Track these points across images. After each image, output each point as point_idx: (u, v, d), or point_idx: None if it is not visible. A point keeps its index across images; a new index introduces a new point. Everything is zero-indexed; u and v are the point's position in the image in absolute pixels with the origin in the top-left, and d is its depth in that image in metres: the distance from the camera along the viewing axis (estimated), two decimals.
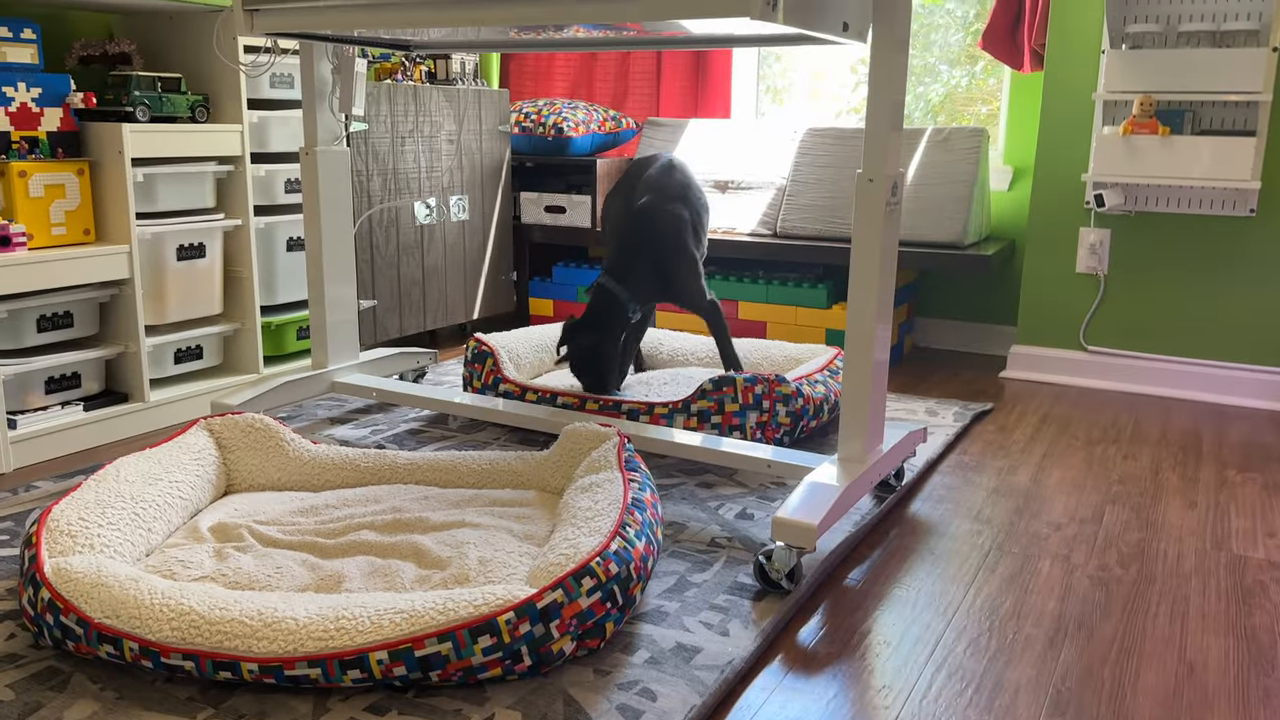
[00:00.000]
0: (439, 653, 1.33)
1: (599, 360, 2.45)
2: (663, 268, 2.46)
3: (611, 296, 2.43)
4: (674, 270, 2.47)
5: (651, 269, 2.46)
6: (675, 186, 2.54)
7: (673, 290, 2.50)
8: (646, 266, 2.45)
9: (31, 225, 2.29)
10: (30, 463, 2.26)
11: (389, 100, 3.10)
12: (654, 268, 2.46)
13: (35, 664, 1.42)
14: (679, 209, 2.50)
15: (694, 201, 2.57)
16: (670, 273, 2.47)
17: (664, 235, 2.47)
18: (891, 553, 1.85)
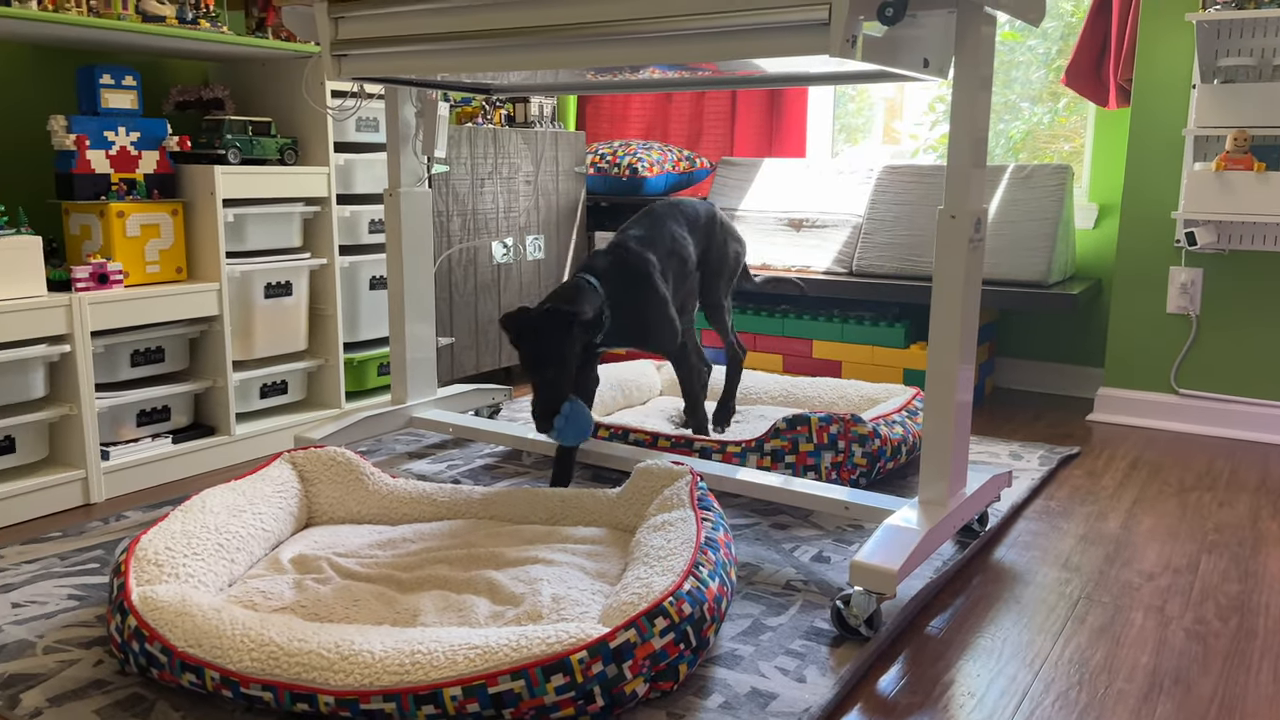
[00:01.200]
0: (512, 690, 1.33)
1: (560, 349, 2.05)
2: (629, 308, 2.21)
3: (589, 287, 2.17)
4: (640, 310, 2.24)
5: (615, 307, 2.20)
6: (655, 223, 2.38)
7: (640, 333, 2.27)
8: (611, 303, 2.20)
9: (128, 264, 2.38)
10: (121, 493, 2.33)
11: (469, 143, 3.17)
12: (617, 307, 2.20)
13: (121, 690, 1.45)
14: (645, 250, 2.29)
15: (674, 240, 2.39)
16: (637, 313, 2.23)
17: (629, 275, 2.24)
18: (975, 600, 1.79)
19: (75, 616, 1.68)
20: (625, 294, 2.21)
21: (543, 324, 2.02)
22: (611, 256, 2.25)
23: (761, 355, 3.41)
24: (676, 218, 2.45)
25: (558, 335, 2.02)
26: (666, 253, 2.35)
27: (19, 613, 1.69)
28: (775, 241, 3.53)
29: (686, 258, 2.43)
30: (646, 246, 2.30)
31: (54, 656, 1.55)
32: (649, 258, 2.27)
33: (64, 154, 2.34)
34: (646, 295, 2.25)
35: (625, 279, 2.22)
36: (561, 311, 2.03)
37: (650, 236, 2.34)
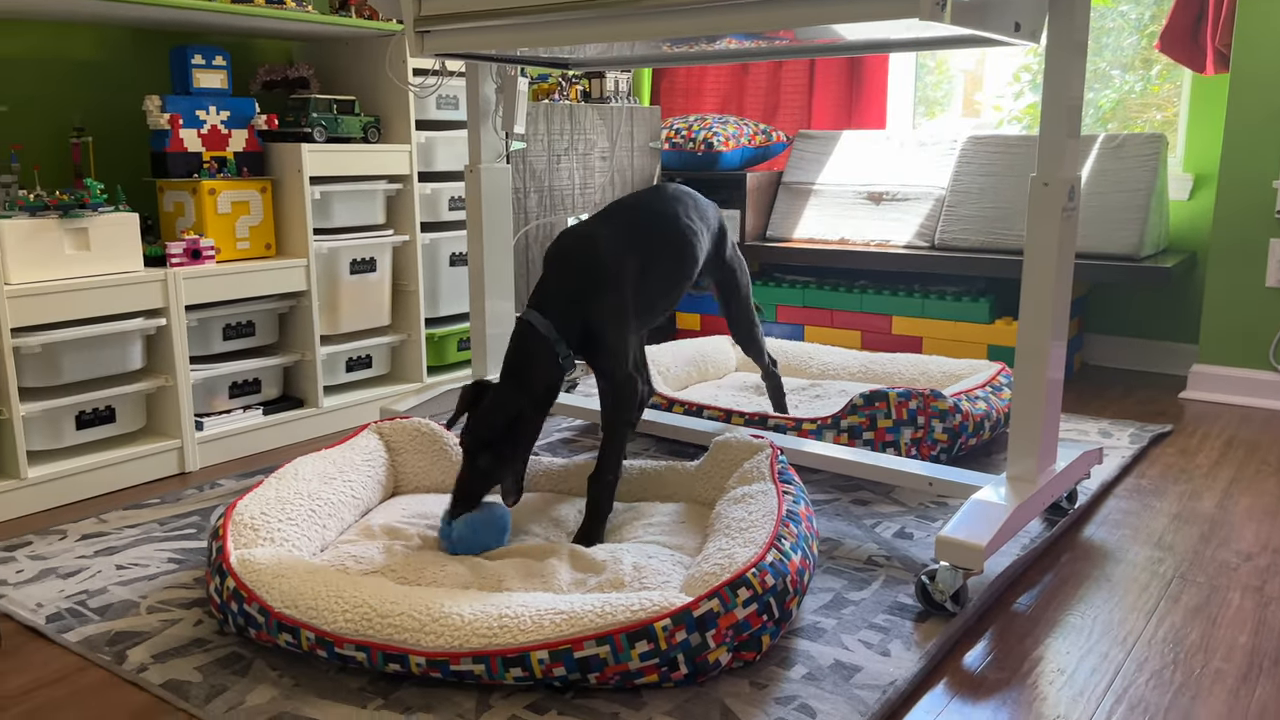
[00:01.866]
0: (597, 655, 1.34)
1: (515, 435, 1.73)
2: (586, 311, 1.82)
3: (536, 335, 1.78)
4: (594, 315, 1.82)
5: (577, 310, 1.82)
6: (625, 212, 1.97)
7: (590, 343, 1.83)
8: (572, 304, 1.81)
9: (219, 240, 2.45)
10: (215, 462, 2.41)
11: (546, 119, 3.18)
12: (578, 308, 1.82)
13: (220, 649, 1.50)
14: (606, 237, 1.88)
15: (677, 226, 2.00)
16: (592, 318, 1.82)
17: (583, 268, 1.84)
18: (1064, 578, 1.76)
19: (175, 578, 1.75)
20: (578, 294, 1.82)
21: (476, 434, 1.71)
22: (570, 245, 1.86)
23: (839, 332, 3.37)
24: (686, 204, 2.07)
25: (497, 436, 1.71)
26: (662, 241, 1.96)
27: (123, 574, 1.77)
28: (854, 215, 3.48)
29: (687, 254, 2.01)
30: (623, 230, 1.90)
31: (157, 616, 1.61)
32: (615, 249, 1.86)
33: (158, 133, 2.41)
34: (599, 298, 1.82)
35: (579, 276, 1.83)
36: (498, 415, 1.71)
37: (636, 219, 1.94)
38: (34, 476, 2.08)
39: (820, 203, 3.57)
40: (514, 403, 1.73)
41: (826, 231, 3.50)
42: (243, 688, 1.40)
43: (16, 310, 2.03)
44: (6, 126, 2.34)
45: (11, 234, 2.03)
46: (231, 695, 1.38)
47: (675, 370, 2.81)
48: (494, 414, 1.72)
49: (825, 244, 3.47)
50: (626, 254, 1.88)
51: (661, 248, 1.96)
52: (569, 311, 1.81)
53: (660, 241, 1.96)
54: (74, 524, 2.01)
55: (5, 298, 2.01)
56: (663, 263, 1.96)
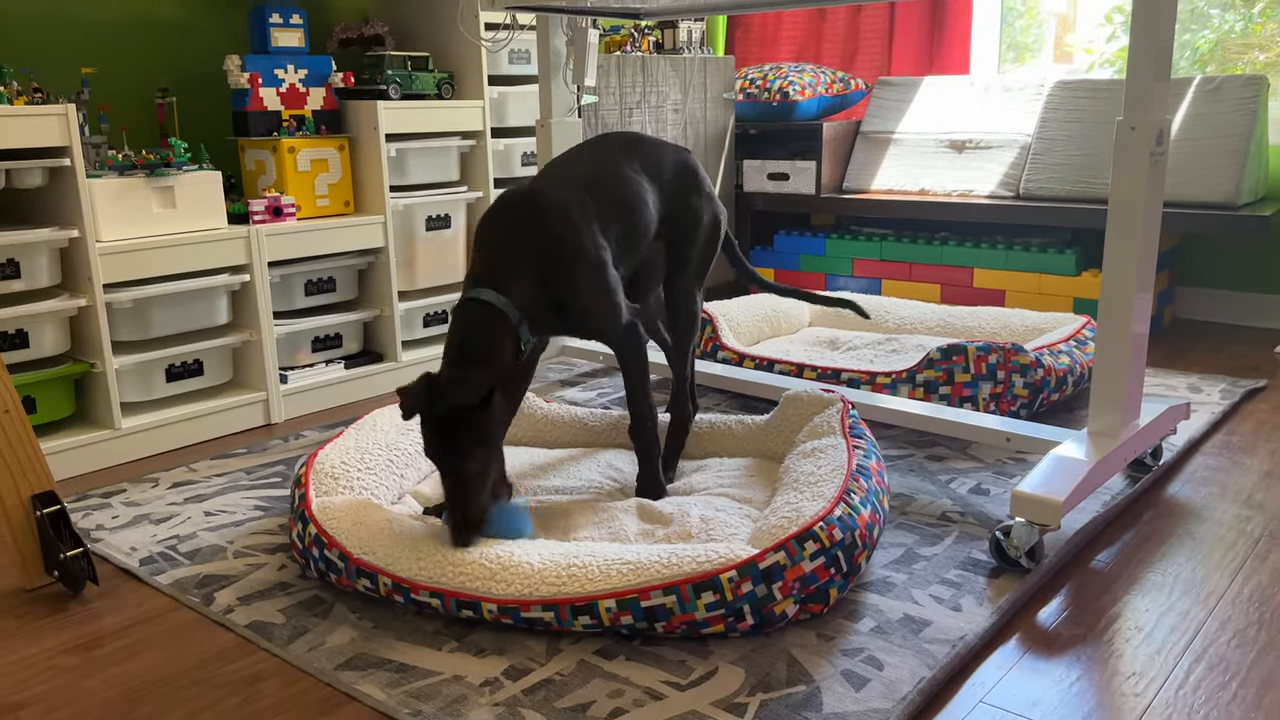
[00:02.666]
0: (664, 605, 1.36)
1: (480, 432, 1.47)
2: (553, 279, 1.59)
3: (495, 314, 1.53)
4: (560, 280, 1.59)
5: (539, 280, 1.58)
6: (595, 156, 1.76)
7: (570, 314, 1.62)
8: (531, 274, 1.58)
9: (299, 197, 2.50)
10: (298, 414, 2.48)
11: (618, 72, 3.16)
12: (541, 279, 1.58)
13: (303, 592, 1.56)
14: (567, 191, 1.65)
15: (622, 183, 1.74)
16: (556, 285, 1.59)
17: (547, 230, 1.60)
18: (1145, 536, 1.71)
19: (260, 525, 1.82)
20: (539, 261, 1.58)
21: (452, 405, 1.45)
22: (517, 209, 1.62)
23: (917, 285, 3.30)
24: (630, 155, 1.79)
25: (473, 417, 1.45)
26: (609, 200, 1.70)
27: (211, 521, 1.84)
28: (935, 165, 3.39)
29: (641, 214, 1.75)
30: (571, 187, 1.67)
31: (243, 560, 1.67)
32: (569, 202, 1.64)
33: (239, 92, 2.46)
34: (568, 259, 1.60)
35: (536, 239, 1.59)
36: (469, 386, 1.45)
37: (581, 172, 1.72)
38: (127, 427, 2.17)
39: (900, 152, 3.48)
40: (478, 392, 1.45)
41: (906, 182, 3.42)
42: (323, 629, 1.45)
43: (108, 267, 2.11)
44: (95, 88, 2.41)
45: (102, 193, 2.10)
46: (313, 636, 1.43)
47: (747, 326, 2.80)
48: (464, 415, 1.44)
49: (905, 195, 3.39)
50: (576, 207, 1.64)
51: (605, 201, 1.69)
52: (528, 284, 1.55)
53: (602, 194, 1.70)
54: (165, 472, 2.09)
55: (98, 255, 2.08)
56: (610, 217, 1.69)
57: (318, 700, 1.29)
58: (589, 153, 1.78)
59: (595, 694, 1.28)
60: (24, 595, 1.59)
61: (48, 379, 2.09)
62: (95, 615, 1.53)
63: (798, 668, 1.32)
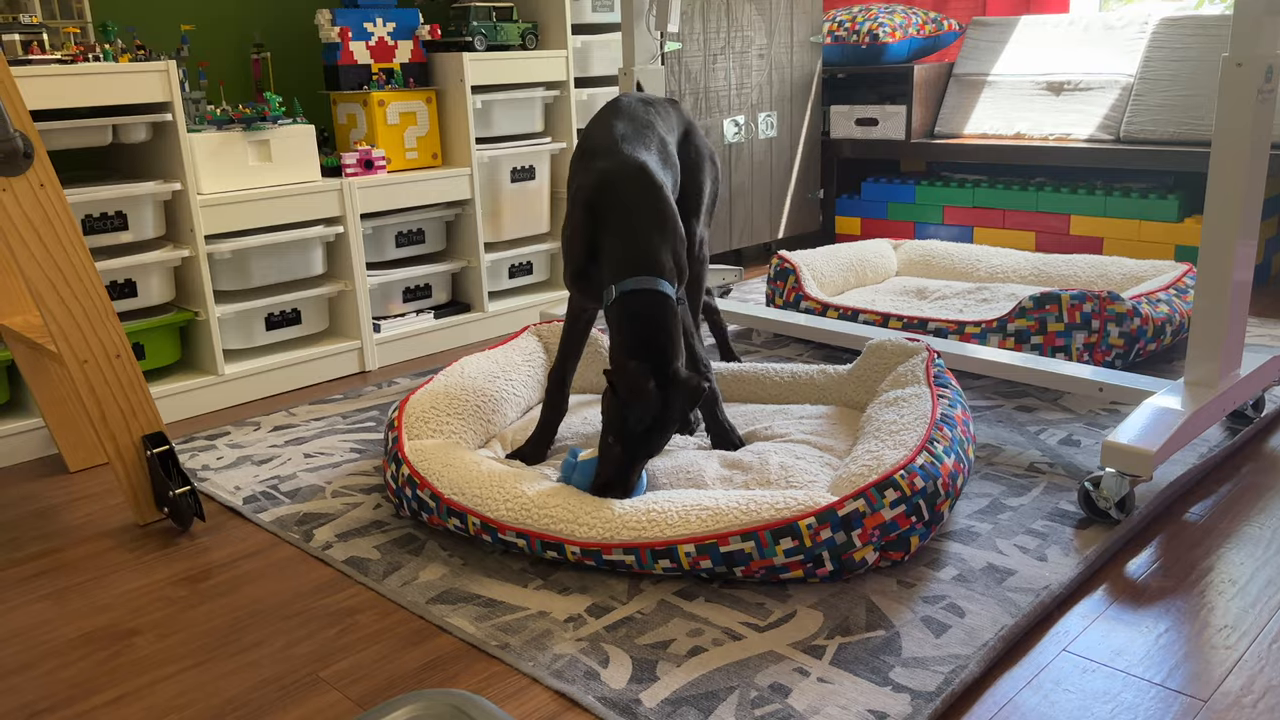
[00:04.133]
0: (742, 550, 1.37)
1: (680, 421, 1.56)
2: (678, 259, 1.60)
3: (674, 307, 1.54)
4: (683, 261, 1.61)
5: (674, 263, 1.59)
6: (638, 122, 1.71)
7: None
8: (670, 257, 1.58)
9: (389, 150, 2.55)
10: (391, 362, 2.56)
11: (702, 17, 3.12)
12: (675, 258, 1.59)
13: (397, 530, 1.62)
14: (656, 164, 1.64)
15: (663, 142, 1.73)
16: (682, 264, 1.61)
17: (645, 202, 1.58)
18: (1244, 488, 1.66)
19: (356, 466, 1.89)
20: (672, 246, 1.58)
21: (690, 398, 1.51)
22: (640, 185, 1.59)
23: (1011, 233, 3.22)
24: (653, 114, 1.78)
25: (681, 412, 1.52)
26: (670, 162, 1.74)
27: (310, 462, 1.92)
28: (1032, 108, 3.28)
29: (680, 168, 1.81)
30: (649, 155, 1.67)
31: (340, 500, 1.75)
32: (663, 177, 1.64)
33: (330, 46, 2.51)
34: (681, 240, 1.61)
35: (666, 223, 1.58)
36: (696, 383, 1.51)
37: (649, 140, 1.70)
38: (230, 373, 2.27)
39: (994, 95, 3.37)
40: (704, 387, 1.53)
41: (1001, 126, 3.32)
42: (416, 565, 1.51)
43: (209, 218, 2.19)
44: (194, 44, 2.49)
45: (202, 147, 2.18)
46: (406, 572, 1.49)
47: (831, 275, 2.77)
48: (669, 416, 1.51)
49: (999, 139, 3.29)
50: (669, 181, 1.68)
51: (670, 164, 1.73)
52: (671, 267, 1.56)
53: (666, 157, 1.73)
54: (266, 416, 2.18)
55: (199, 207, 2.17)
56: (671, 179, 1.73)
57: (410, 632, 1.35)
58: (629, 117, 1.72)
59: (675, 632, 1.30)
60: (136, 530, 1.69)
61: (155, 326, 2.19)
62: (202, 550, 1.61)
63: (877, 613, 1.33)
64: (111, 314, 1.62)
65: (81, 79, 1.96)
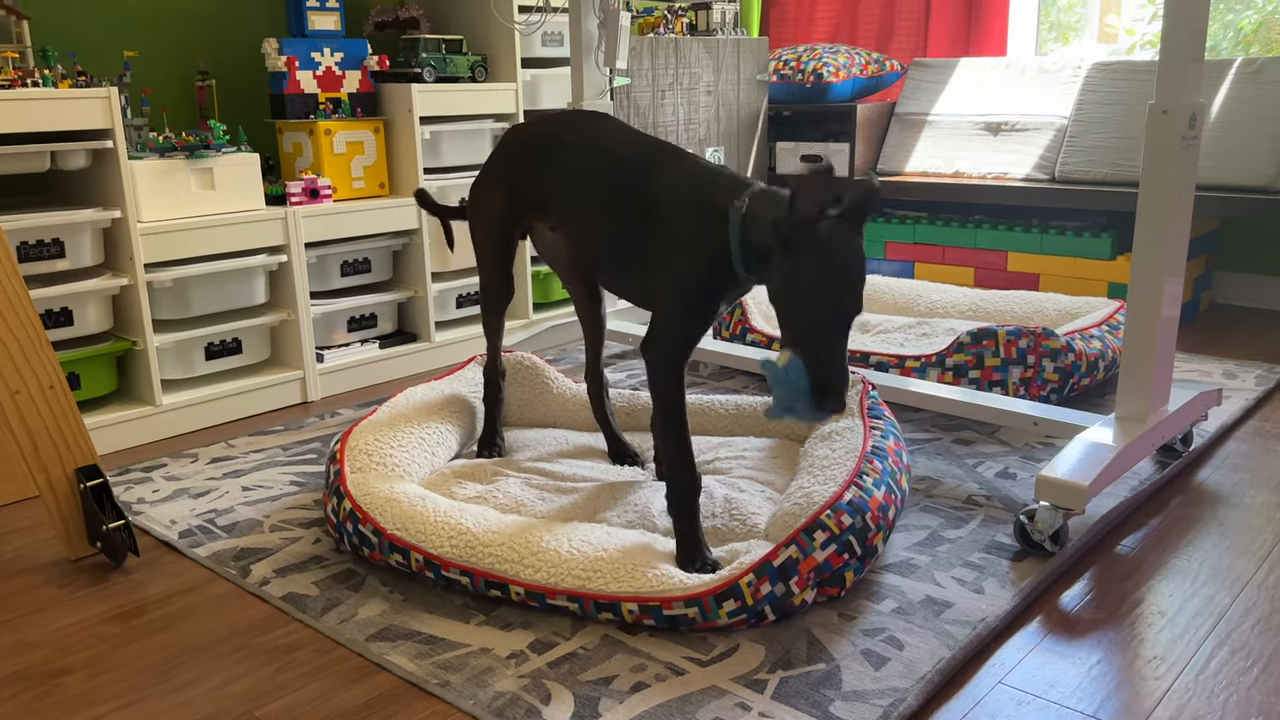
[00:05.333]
0: (686, 614, 1.37)
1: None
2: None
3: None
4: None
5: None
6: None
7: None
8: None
9: (336, 179, 2.54)
10: (334, 392, 2.53)
11: (651, 54, 3.16)
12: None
13: (336, 566, 1.60)
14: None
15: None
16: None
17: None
18: (1173, 521, 1.71)
19: (296, 500, 1.86)
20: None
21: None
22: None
23: (951, 269, 3.29)
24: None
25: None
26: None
27: (248, 495, 1.89)
28: (971, 147, 3.37)
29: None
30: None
31: (279, 534, 1.72)
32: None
33: (276, 75, 2.50)
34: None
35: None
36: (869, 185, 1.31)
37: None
38: (168, 403, 2.23)
39: (935, 134, 3.46)
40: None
41: (941, 164, 3.40)
42: (356, 601, 1.49)
43: (149, 246, 2.16)
44: (137, 71, 2.46)
45: (143, 174, 2.15)
46: (345, 608, 1.47)
47: None
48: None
49: (939, 177, 3.37)
50: None
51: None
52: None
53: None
54: (204, 448, 2.15)
55: (139, 235, 2.13)
56: None
57: (349, 670, 1.33)
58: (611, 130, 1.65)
59: (618, 668, 1.30)
60: (68, 565, 1.65)
61: (91, 356, 2.15)
62: (136, 585, 1.58)
63: (818, 646, 1.34)
64: (46, 344, 1.59)
65: (20, 104, 1.93)
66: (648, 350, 1.49)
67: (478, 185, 1.84)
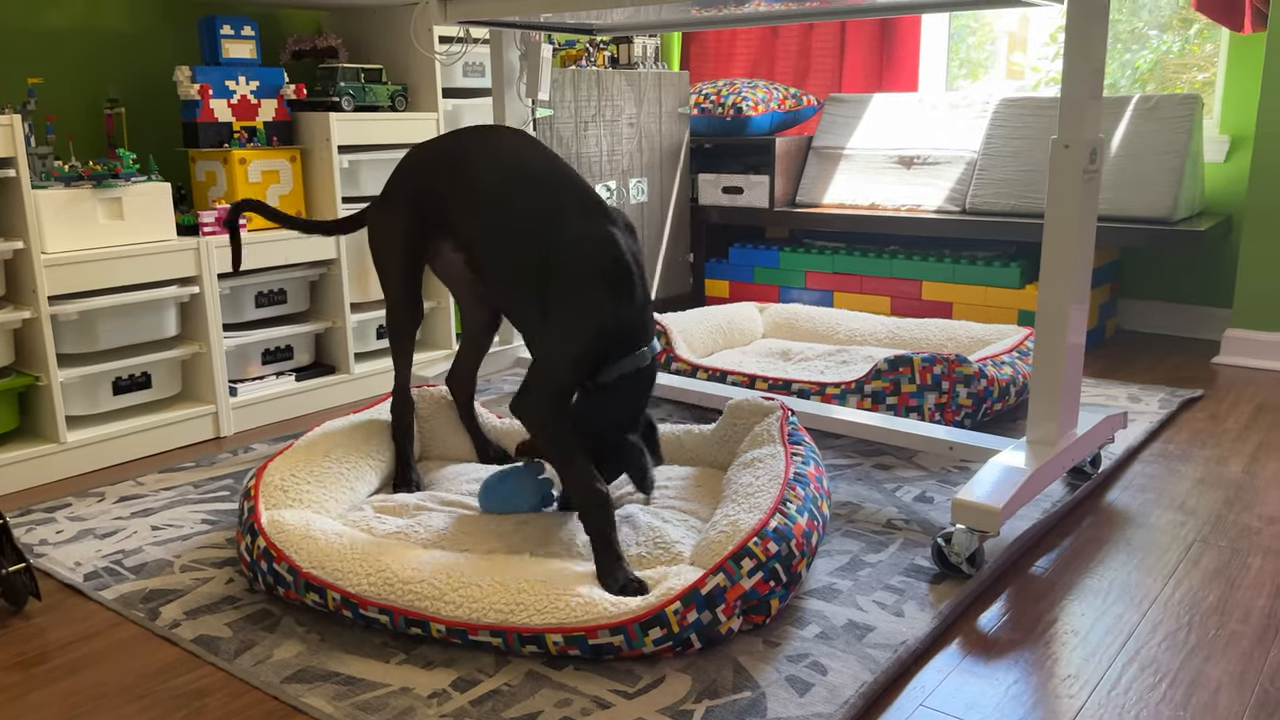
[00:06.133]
0: (611, 643, 1.36)
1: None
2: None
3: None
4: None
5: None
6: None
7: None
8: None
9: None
10: (248, 427, 2.46)
11: (573, 86, 3.18)
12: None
13: (250, 606, 1.55)
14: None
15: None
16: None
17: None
18: (1084, 542, 1.76)
19: (208, 539, 1.80)
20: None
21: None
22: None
23: (869, 298, 3.36)
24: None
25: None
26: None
27: (158, 535, 1.82)
28: (885, 180, 3.45)
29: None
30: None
31: (190, 575, 1.66)
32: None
33: (189, 103, 2.45)
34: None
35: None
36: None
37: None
38: (73, 441, 2.15)
39: (851, 167, 3.54)
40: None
41: (857, 196, 3.48)
42: (271, 643, 1.44)
43: (54, 278, 2.08)
44: (42, 98, 2.39)
45: (48, 204, 2.08)
46: (260, 650, 1.42)
47: (701, 337, 2.83)
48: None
49: (855, 209, 3.45)
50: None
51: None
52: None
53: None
54: (111, 486, 2.07)
55: (43, 266, 2.06)
56: None
57: (264, 714, 1.29)
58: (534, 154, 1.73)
59: (543, 704, 1.29)
60: None
61: None
62: (38, 631, 1.51)
63: (743, 674, 1.34)
64: None
65: None
66: (531, 377, 1.56)
67: (381, 207, 1.85)
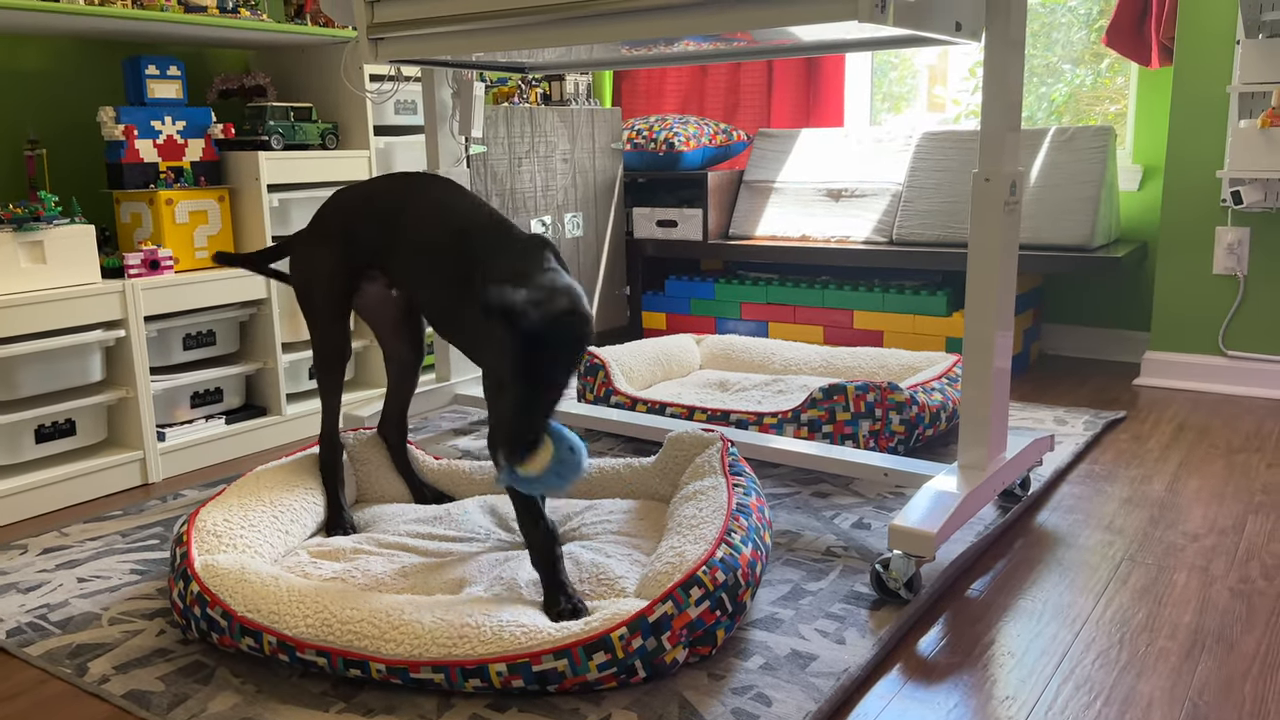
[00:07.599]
0: (555, 669, 1.35)
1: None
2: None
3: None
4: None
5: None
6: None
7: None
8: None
9: (178, 250, 2.44)
10: (178, 472, 2.40)
11: (506, 123, 3.19)
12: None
13: (183, 659, 1.51)
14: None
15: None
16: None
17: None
18: (1016, 563, 1.80)
19: (138, 590, 1.75)
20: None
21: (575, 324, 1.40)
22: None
23: (802, 328, 3.41)
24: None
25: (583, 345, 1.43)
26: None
27: (84, 587, 1.77)
28: (815, 212, 3.52)
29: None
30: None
31: (119, 627, 1.61)
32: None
33: (113, 144, 2.40)
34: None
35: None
36: (582, 314, 1.41)
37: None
38: None
39: (781, 200, 3.60)
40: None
41: (788, 228, 3.54)
42: (205, 695, 1.40)
43: None
44: None
45: None
46: (194, 703, 1.38)
47: (639, 370, 2.84)
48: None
49: (787, 241, 3.51)
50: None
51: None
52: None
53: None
54: (34, 538, 2.00)
55: None
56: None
57: None
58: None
59: None
60: None
61: None
62: None
63: (689, 708, 1.34)
64: None
65: None
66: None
67: (307, 242, 1.86)
